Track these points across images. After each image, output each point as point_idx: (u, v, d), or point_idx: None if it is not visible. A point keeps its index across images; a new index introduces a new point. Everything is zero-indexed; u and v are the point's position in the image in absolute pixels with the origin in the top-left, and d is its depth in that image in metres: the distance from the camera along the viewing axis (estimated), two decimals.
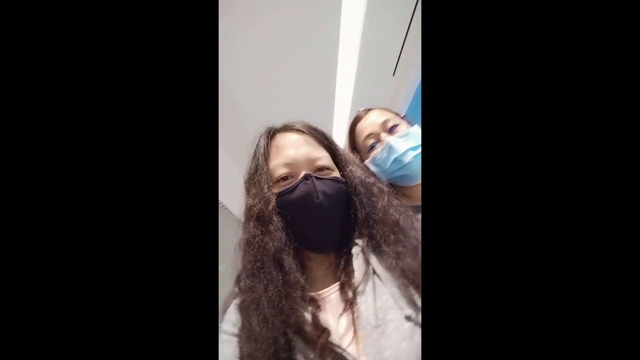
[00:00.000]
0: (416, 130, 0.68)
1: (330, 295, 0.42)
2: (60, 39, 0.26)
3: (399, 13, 1.28)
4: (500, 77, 0.25)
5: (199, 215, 0.28)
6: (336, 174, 0.47)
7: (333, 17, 1.22)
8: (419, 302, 0.36)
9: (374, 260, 0.42)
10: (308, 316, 0.38)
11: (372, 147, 0.73)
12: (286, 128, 0.50)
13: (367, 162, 0.74)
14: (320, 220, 0.43)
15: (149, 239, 0.27)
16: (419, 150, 0.67)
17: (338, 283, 0.42)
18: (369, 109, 0.76)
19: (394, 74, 1.69)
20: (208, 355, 0.27)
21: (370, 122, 0.73)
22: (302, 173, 0.43)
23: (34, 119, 0.25)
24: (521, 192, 0.24)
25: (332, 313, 0.40)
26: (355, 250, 0.44)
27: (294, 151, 0.46)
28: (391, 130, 0.70)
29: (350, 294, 0.39)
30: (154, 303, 0.26)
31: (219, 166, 0.42)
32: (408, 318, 0.34)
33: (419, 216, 0.46)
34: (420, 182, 0.70)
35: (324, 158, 0.46)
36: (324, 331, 0.36)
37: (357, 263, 0.42)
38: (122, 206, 0.26)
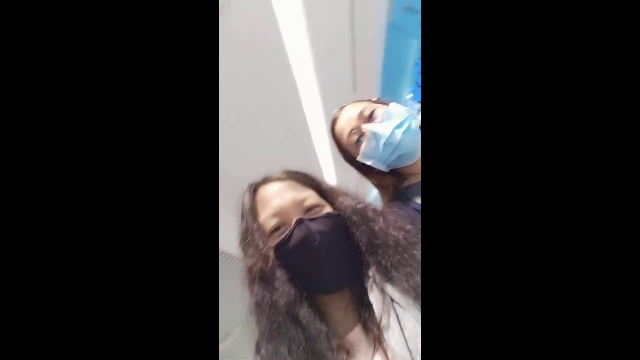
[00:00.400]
0: (394, 108, 0.67)
1: (357, 337, 0.40)
2: (55, 44, 0.26)
3: (339, 29, 1.35)
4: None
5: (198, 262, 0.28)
6: (328, 208, 0.46)
7: (280, 55, 1.27)
8: None
9: (388, 288, 0.40)
10: None
11: (358, 142, 0.70)
12: (266, 180, 0.50)
13: (359, 158, 0.71)
14: (323, 261, 0.42)
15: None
16: (406, 125, 0.64)
17: (360, 323, 0.41)
18: (342, 107, 0.75)
19: (354, 90, 1.74)
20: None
21: (347, 119, 0.71)
22: (294, 219, 0.42)
23: (25, 129, 0.25)
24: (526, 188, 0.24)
25: (363, 356, 0.38)
26: (368, 282, 0.42)
27: (280, 199, 0.45)
28: (370, 118, 0.68)
29: (376, 331, 0.38)
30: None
31: None
32: None
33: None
34: (420, 156, 0.66)
35: (310, 197, 0.46)
36: None
37: (373, 295, 0.41)
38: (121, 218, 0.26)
